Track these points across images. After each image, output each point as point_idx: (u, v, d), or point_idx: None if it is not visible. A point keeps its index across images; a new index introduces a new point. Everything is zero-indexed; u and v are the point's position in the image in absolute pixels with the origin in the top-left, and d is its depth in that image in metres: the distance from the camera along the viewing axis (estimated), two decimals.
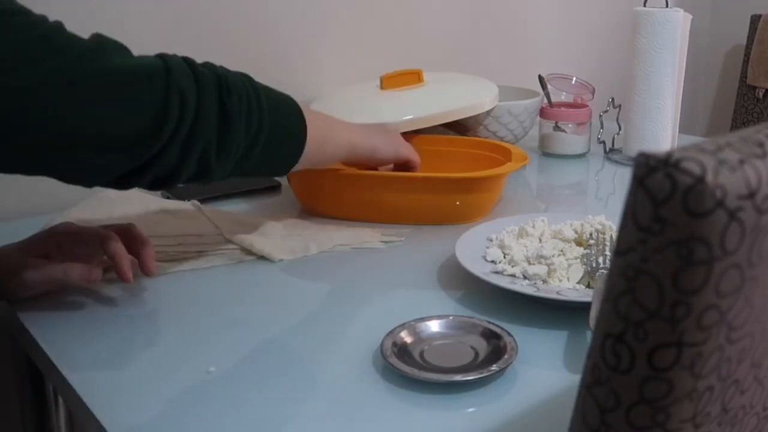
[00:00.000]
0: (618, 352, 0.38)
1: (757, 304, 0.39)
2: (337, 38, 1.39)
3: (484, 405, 0.64)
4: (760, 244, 0.36)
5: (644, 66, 1.26)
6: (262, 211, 1.07)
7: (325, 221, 1.01)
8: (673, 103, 1.28)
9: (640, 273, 0.36)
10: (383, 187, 1.02)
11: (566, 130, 1.36)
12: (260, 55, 1.28)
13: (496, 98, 1.26)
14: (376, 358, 0.70)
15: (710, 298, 0.36)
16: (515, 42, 1.72)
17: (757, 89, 2.07)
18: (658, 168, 0.34)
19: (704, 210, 0.34)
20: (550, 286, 0.80)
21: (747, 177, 0.34)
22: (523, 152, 1.08)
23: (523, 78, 1.47)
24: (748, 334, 0.39)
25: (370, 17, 1.42)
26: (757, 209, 0.35)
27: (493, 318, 0.75)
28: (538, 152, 1.38)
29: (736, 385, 0.41)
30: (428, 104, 1.20)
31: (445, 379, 0.65)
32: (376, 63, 1.40)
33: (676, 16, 1.24)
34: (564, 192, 1.25)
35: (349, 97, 1.28)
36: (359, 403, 0.64)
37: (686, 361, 0.37)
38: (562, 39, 1.83)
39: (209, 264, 0.90)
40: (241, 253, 0.92)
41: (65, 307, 0.80)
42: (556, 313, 0.77)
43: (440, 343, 0.71)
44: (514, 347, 0.69)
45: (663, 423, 0.39)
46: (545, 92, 1.38)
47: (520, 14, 1.71)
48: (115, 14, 1.13)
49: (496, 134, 1.30)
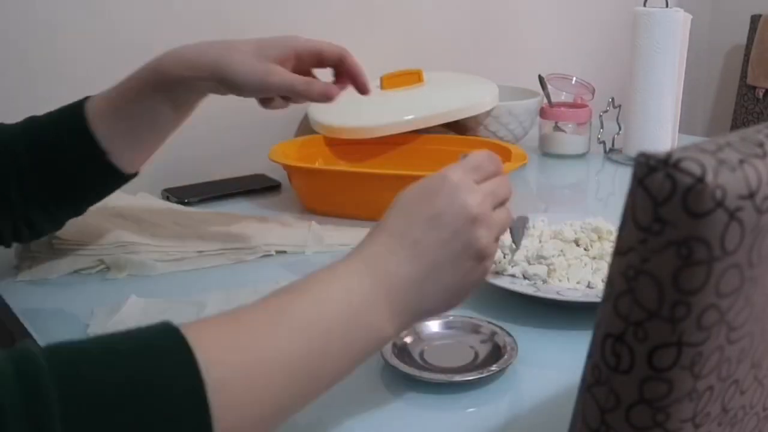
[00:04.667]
0: (618, 352, 0.38)
1: (757, 304, 0.39)
2: (338, 38, 1.38)
3: (484, 405, 0.64)
4: (760, 244, 0.36)
5: (644, 66, 1.26)
6: (262, 211, 1.07)
7: (325, 221, 1.01)
8: (673, 103, 1.28)
9: (640, 273, 0.36)
10: (383, 187, 1.02)
11: (566, 130, 1.36)
12: None
13: (496, 98, 1.26)
14: (377, 358, 0.70)
15: (710, 298, 0.36)
16: (515, 42, 1.72)
17: (757, 89, 2.07)
18: (658, 168, 0.34)
19: (704, 210, 0.34)
20: (550, 286, 0.80)
21: (747, 177, 0.34)
22: (523, 152, 1.08)
23: (523, 78, 1.47)
24: (748, 334, 0.39)
25: (370, 17, 1.42)
26: (757, 209, 0.35)
27: (493, 318, 0.75)
28: (538, 152, 1.38)
29: (736, 385, 0.41)
30: (428, 104, 1.20)
31: (445, 379, 0.65)
32: (376, 63, 1.40)
33: (676, 16, 1.24)
34: (564, 192, 1.25)
35: (349, 97, 1.27)
36: (359, 403, 0.64)
37: (686, 361, 0.37)
38: (562, 39, 1.83)
39: (209, 264, 0.90)
40: (242, 253, 0.92)
41: (64, 306, 0.80)
42: (556, 313, 0.77)
43: (440, 343, 0.71)
44: (514, 347, 0.69)
45: (663, 423, 0.39)
46: (545, 92, 1.38)
47: (520, 14, 1.71)
48: (117, 12, 1.12)
49: (496, 134, 1.30)
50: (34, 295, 0.82)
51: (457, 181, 0.57)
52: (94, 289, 0.84)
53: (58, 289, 0.83)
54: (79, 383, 0.39)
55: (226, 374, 0.42)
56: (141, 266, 0.87)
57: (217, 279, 0.87)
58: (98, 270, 0.87)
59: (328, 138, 1.19)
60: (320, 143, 1.19)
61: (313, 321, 0.49)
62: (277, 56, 0.79)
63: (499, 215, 0.59)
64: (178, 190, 1.14)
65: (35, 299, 0.81)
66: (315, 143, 1.19)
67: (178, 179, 1.18)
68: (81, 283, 0.85)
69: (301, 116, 1.33)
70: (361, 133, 1.16)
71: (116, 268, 0.87)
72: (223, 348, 0.44)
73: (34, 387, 0.38)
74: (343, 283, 0.52)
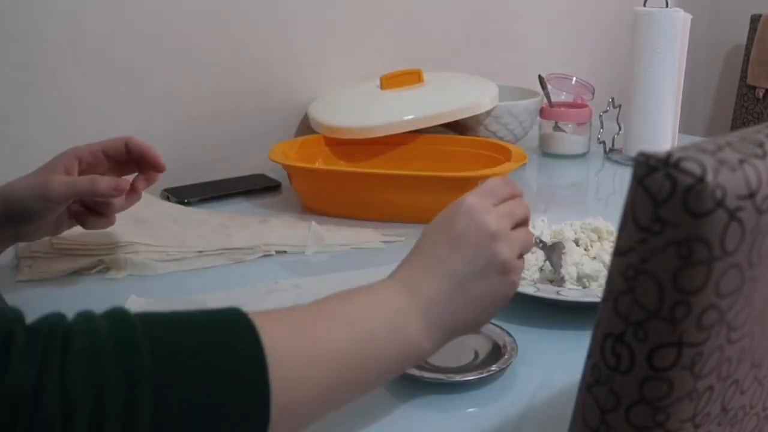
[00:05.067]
0: (618, 352, 0.38)
1: (757, 304, 0.39)
2: (338, 38, 1.39)
3: (484, 405, 0.64)
4: (760, 244, 0.36)
5: (644, 66, 1.26)
6: (262, 211, 1.07)
7: (325, 221, 1.01)
8: (673, 103, 1.28)
9: (640, 273, 0.36)
10: (383, 187, 1.02)
11: (566, 130, 1.36)
12: (261, 55, 1.28)
13: (496, 98, 1.26)
14: None
15: (710, 298, 0.36)
16: (515, 42, 1.72)
17: (757, 89, 2.07)
18: (658, 168, 0.34)
19: (704, 210, 0.34)
20: (550, 286, 0.80)
21: (747, 177, 0.34)
22: (523, 152, 1.08)
23: (523, 78, 1.47)
24: (748, 334, 0.39)
25: (370, 17, 1.42)
26: (757, 209, 0.35)
27: (494, 318, 0.75)
28: (538, 152, 1.38)
29: (736, 385, 0.41)
30: (428, 104, 1.20)
31: (445, 379, 0.65)
32: (376, 63, 1.40)
33: (676, 16, 1.24)
34: (564, 192, 1.25)
35: (349, 97, 1.28)
36: (359, 403, 0.64)
37: (686, 361, 0.37)
38: (562, 39, 1.83)
39: (209, 264, 0.90)
40: (241, 253, 0.92)
41: (64, 306, 0.80)
42: (556, 313, 0.77)
43: None
44: (514, 347, 0.69)
45: (663, 423, 0.39)
46: (545, 92, 1.38)
47: (520, 14, 1.71)
48: (123, 12, 1.12)
49: (496, 134, 1.30)
50: (34, 295, 0.82)
51: (474, 204, 0.60)
52: (94, 289, 0.84)
53: (58, 289, 0.83)
54: (165, 342, 0.44)
55: (284, 355, 0.47)
56: (141, 266, 0.87)
57: (217, 279, 0.87)
58: (98, 270, 0.87)
59: (328, 138, 1.19)
60: (320, 143, 1.19)
61: (361, 323, 0.54)
62: (58, 168, 0.79)
63: (519, 234, 0.62)
64: (178, 190, 1.14)
65: (35, 299, 0.81)
66: (315, 143, 1.19)
67: (178, 179, 1.18)
68: (81, 283, 0.85)
69: (301, 116, 1.34)
70: (361, 133, 1.16)
71: (116, 268, 0.87)
72: (283, 333, 0.49)
73: (129, 339, 0.43)
74: (382, 297, 0.57)
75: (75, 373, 0.40)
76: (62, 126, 1.09)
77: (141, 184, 0.84)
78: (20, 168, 0.81)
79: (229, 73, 1.25)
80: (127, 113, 1.15)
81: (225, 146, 1.27)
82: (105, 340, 0.43)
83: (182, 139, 1.22)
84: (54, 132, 1.08)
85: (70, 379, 0.40)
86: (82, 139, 0.82)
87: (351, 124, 1.17)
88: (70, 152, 0.81)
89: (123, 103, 1.15)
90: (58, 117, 1.09)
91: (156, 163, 0.83)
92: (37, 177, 0.78)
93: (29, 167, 0.81)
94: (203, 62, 1.21)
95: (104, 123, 1.13)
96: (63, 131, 1.09)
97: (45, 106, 1.08)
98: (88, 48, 1.10)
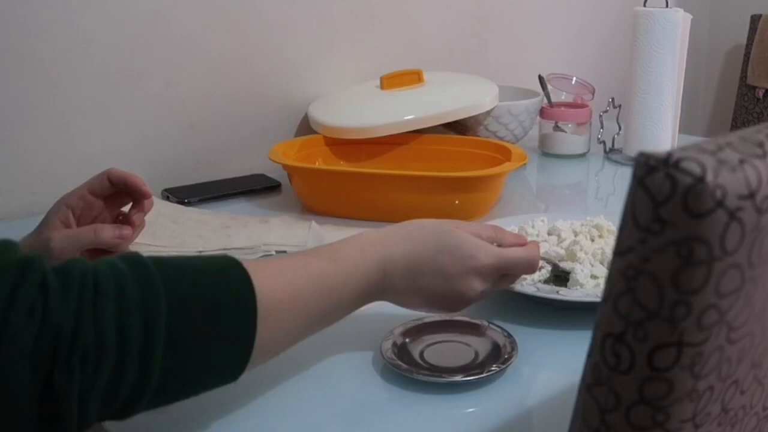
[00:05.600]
0: (618, 352, 0.38)
1: (757, 304, 0.39)
2: (338, 38, 1.39)
3: (484, 405, 0.64)
4: (760, 244, 0.36)
5: (644, 66, 1.26)
6: (262, 211, 1.07)
7: (325, 221, 1.01)
8: (673, 103, 1.28)
9: (640, 273, 0.36)
10: (383, 187, 1.02)
11: (566, 130, 1.36)
12: (261, 55, 1.28)
13: (496, 98, 1.26)
14: (376, 358, 0.70)
15: (710, 298, 0.36)
16: (515, 42, 1.72)
17: (757, 89, 2.07)
18: (658, 168, 0.34)
19: (704, 210, 0.34)
20: (550, 286, 0.80)
21: (747, 177, 0.34)
22: (523, 152, 1.08)
23: (523, 78, 1.47)
24: (748, 334, 0.39)
25: (370, 18, 1.42)
26: (757, 209, 0.35)
27: (493, 318, 0.75)
28: (538, 152, 1.38)
29: (736, 385, 0.41)
30: (428, 104, 1.20)
31: (445, 379, 0.65)
32: (376, 63, 1.40)
33: (676, 16, 1.24)
34: (564, 192, 1.25)
35: (349, 97, 1.28)
36: (359, 403, 0.64)
37: (686, 361, 0.37)
38: (562, 39, 1.83)
39: None
40: (241, 253, 0.92)
41: None
42: (556, 313, 0.77)
43: (440, 343, 0.71)
44: (514, 347, 0.69)
45: (663, 423, 0.39)
46: (545, 92, 1.38)
47: (519, 14, 1.71)
48: (123, 12, 1.12)
49: (496, 134, 1.30)
50: None
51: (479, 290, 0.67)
52: None
53: None
54: (176, 284, 0.52)
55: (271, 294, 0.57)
56: None
57: None
58: None
59: (328, 138, 1.19)
60: (320, 143, 1.19)
61: (338, 292, 0.62)
62: (55, 223, 0.78)
63: (502, 282, 0.72)
64: (178, 190, 1.14)
65: None
66: (315, 143, 1.19)
67: (178, 179, 1.18)
68: None
69: (301, 116, 1.34)
70: (361, 133, 1.16)
71: None
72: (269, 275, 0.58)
73: (148, 283, 0.50)
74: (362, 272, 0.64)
75: (106, 309, 0.48)
76: (62, 127, 1.09)
77: (137, 216, 0.82)
78: (21, 172, 0.80)
79: (229, 73, 1.25)
80: (127, 113, 1.15)
81: (225, 146, 1.27)
82: (127, 280, 0.50)
83: (182, 139, 1.22)
84: (54, 133, 1.08)
85: (102, 314, 0.47)
86: (83, 140, 0.82)
87: (351, 124, 1.17)
88: (59, 205, 0.80)
89: (123, 103, 1.15)
90: (58, 119, 1.09)
91: (140, 191, 0.81)
92: (37, 238, 0.77)
93: (30, 170, 0.80)
94: (203, 62, 1.21)
95: (105, 124, 1.13)
96: (63, 132, 1.09)
97: (45, 107, 1.08)
98: (87, 50, 1.10)
